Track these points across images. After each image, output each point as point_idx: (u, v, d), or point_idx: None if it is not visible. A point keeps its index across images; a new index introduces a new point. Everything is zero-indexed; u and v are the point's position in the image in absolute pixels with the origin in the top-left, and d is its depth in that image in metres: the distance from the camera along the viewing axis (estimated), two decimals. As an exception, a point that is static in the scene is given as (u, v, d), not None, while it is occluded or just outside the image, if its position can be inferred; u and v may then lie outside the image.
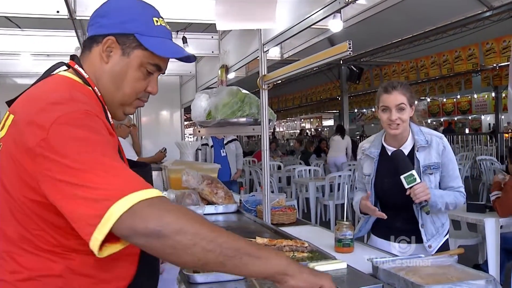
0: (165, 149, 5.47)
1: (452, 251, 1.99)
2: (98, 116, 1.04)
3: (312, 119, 29.09)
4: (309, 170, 8.15)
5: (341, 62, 12.72)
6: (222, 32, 4.31)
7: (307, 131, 25.28)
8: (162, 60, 1.19)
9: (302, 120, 29.72)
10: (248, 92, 2.96)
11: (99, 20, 1.17)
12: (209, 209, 2.90)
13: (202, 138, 6.00)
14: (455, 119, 19.62)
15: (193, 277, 1.61)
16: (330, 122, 26.29)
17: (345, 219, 2.12)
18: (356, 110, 21.60)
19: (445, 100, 18.76)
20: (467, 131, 18.47)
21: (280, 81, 2.93)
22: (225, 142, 6.30)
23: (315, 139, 14.76)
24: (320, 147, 12.15)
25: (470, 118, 19.28)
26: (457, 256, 1.81)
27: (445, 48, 10.13)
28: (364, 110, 21.72)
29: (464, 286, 1.44)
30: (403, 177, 2.09)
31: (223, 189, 3.04)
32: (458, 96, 17.95)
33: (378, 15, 2.59)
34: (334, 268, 1.68)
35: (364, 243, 2.42)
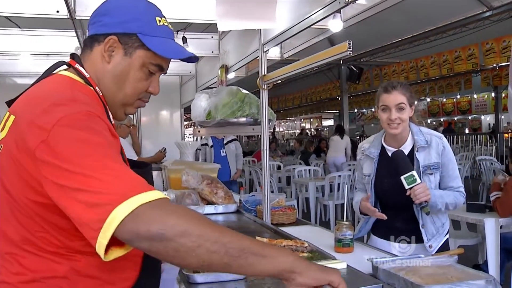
0: (164, 149, 5.46)
1: (452, 251, 1.99)
2: (100, 117, 1.02)
3: (312, 119, 29.08)
4: (309, 170, 8.15)
5: (341, 62, 12.72)
6: (222, 32, 4.30)
7: (307, 131, 25.25)
8: (164, 60, 1.18)
9: (302, 120, 29.71)
10: (248, 92, 2.96)
11: (101, 19, 1.15)
12: (209, 209, 2.90)
13: (202, 138, 5.99)
14: (455, 119, 19.62)
15: (193, 277, 1.61)
16: (330, 122, 26.28)
17: (345, 219, 2.12)
18: (356, 110, 21.61)
19: (445, 100, 18.76)
20: (467, 131, 18.47)
21: (280, 81, 2.92)
22: (225, 142, 6.30)
23: (315, 139, 14.76)
24: (320, 147, 12.15)
25: (470, 118, 19.29)
26: (457, 256, 1.80)
27: (445, 48, 10.14)
28: (364, 110, 21.73)
29: (464, 286, 1.44)
30: (403, 178, 2.09)
31: (223, 189, 3.04)
32: (458, 96, 17.95)
33: (378, 15, 2.59)
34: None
35: (364, 243, 2.42)
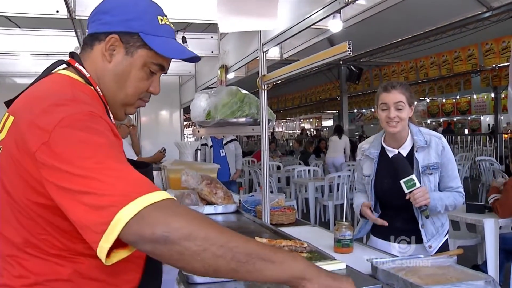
0: (164, 149, 5.46)
1: (452, 252, 1.99)
2: (102, 117, 1.00)
3: (311, 119, 29.07)
4: (309, 170, 8.16)
5: (341, 62, 12.74)
6: (222, 32, 4.30)
7: (307, 131, 25.25)
8: (166, 60, 1.16)
9: (302, 120, 29.72)
10: (247, 92, 2.96)
11: (102, 17, 1.13)
12: (208, 209, 2.90)
13: (202, 138, 5.99)
14: (455, 119, 19.62)
15: (192, 277, 1.60)
16: (329, 123, 26.28)
17: (344, 219, 2.11)
18: (355, 111, 21.61)
19: (444, 100, 18.76)
20: (466, 131, 18.47)
21: (279, 81, 2.92)
22: (224, 142, 6.30)
23: (315, 140, 14.76)
24: (320, 147, 12.16)
25: (469, 118, 19.29)
26: (456, 257, 1.80)
27: (445, 48, 10.15)
28: (364, 110, 21.73)
29: (463, 287, 1.44)
30: (402, 182, 2.09)
31: (222, 189, 3.04)
32: (458, 97, 17.95)
33: (377, 15, 2.59)
34: (333, 269, 1.68)
35: (363, 243, 2.42)
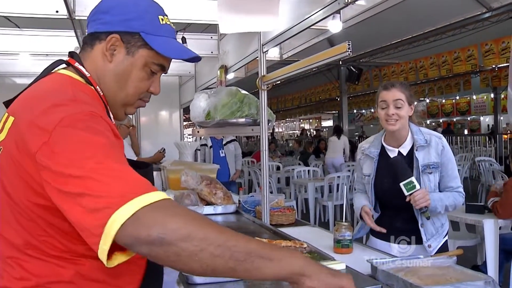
0: (164, 149, 5.46)
1: (451, 252, 1.99)
2: (103, 117, 0.99)
3: (311, 120, 29.08)
4: (308, 170, 8.16)
5: (340, 63, 12.75)
6: (222, 33, 4.30)
7: (307, 131, 25.25)
8: (166, 60, 1.16)
9: (301, 120, 29.72)
10: (247, 93, 2.96)
11: (102, 16, 1.12)
12: (208, 209, 2.90)
13: (201, 138, 5.99)
14: (454, 120, 19.63)
15: (192, 277, 1.60)
16: (329, 123, 26.29)
17: (344, 220, 2.11)
18: (355, 111, 21.62)
19: (444, 101, 18.77)
20: (466, 132, 18.48)
21: (279, 82, 2.92)
22: (224, 143, 6.30)
23: (314, 140, 14.77)
24: (319, 147, 12.16)
25: (469, 119, 19.30)
26: (456, 257, 1.80)
27: (444, 49, 10.16)
28: (363, 110, 21.74)
29: (463, 287, 1.44)
30: (402, 185, 2.10)
31: (222, 190, 3.04)
32: (457, 97, 17.96)
33: (377, 15, 2.59)
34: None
35: (363, 244, 2.42)
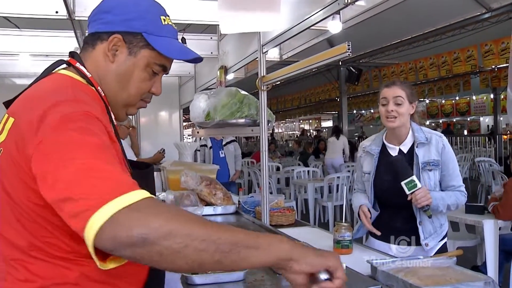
0: (163, 150, 5.46)
1: (451, 253, 1.99)
2: (99, 118, 0.97)
3: (311, 120, 29.09)
4: (308, 171, 8.16)
5: (340, 63, 12.74)
6: (221, 33, 4.30)
7: (308, 132, 25.24)
8: (168, 60, 1.15)
9: (301, 121, 29.73)
10: (247, 93, 2.96)
11: (103, 16, 1.11)
12: (208, 210, 2.89)
13: (201, 139, 5.99)
14: (454, 120, 19.64)
15: (191, 278, 1.60)
16: (329, 123, 26.29)
17: (343, 220, 2.12)
18: (355, 111, 21.61)
19: (443, 101, 18.77)
20: (465, 132, 18.49)
21: (279, 82, 2.93)
22: (223, 143, 6.30)
23: (314, 140, 14.77)
24: (319, 148, 12.16)
25: (468, 119, 19.31)
26: (455, 258, 1.80)
27: (444, 49, 10.15)
28: (363, 111, 21.74)
29: (463, 288, 1.44)
30: (403, 183, 2.10)
31: (221, 190, 3.04)
32: (457, 98, 17.96)
33: (377, 16, 2.60)
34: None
35: (363, 244, 2.41)
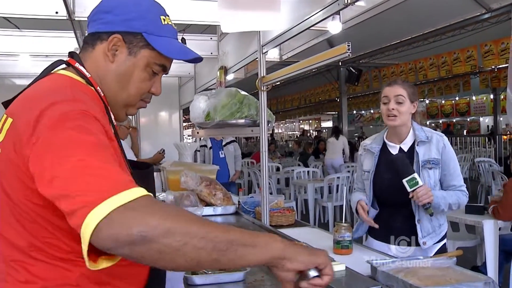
0: (163, 150, 5.46)
1: (451, 253, 1.99)
2: (96, 118, 0.97)
3: (311, 121, 29.09)
4: (308, 171, 8.16)
5: (340, 64, 12.74)
6: (221, 33, 4.30)
7: (308, 132, 25.24)
8: (168, 60, 1.15)
9: (301, 121, 29.73)
10: (247, 94, 2.96)
11: (103, 16, 1.11)
12: (208, 210, 2.89)
13: (201, 139, 5.99)
14: (454, 121, 19.64)
15: (192, 278, 1.60)
16: (329, 124, 26.28)
17: (343, 220, 2.11)
18: (355, 112, 21.61)
19: (443, 102, 18.77)
20: (465, 133, 18.49)
21: (279, 83, 2.93)
22: (223, 144, 6.30)
23: (314, 141, 14.77)
24: (319, 148, 12.16)
25: (468, 120, 19.31)
26: (455, 258, 1.80)
27: (444, 50, 10.16)
28: (363, 111, 21.73)
29: (463, 288, 1.44)
30: (405, 181, 2.10)
31: (221, 191, 3.03)
32: (457, 98, 17.97)
33: (377, 16, 2.60)
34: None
35: (363, 245, 2.41)
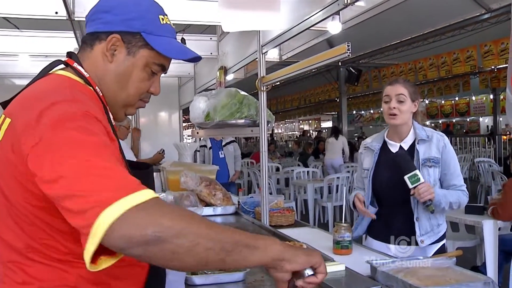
0: (163, 150, 5.46)
1: (451, 253, 1.99)
2: (97, 118, 0.96)
3: (310, 121, 29.08)
4: (308, 171, 8.16)
5: (340, 64, 12.74)
6: (221, 34, 4.30)
7: (308, 132, 25.23)
8: (167, 60, 1.15)
9: (301, 121, 29.73)
10: (246, 94, 2.96)
11: (102, 16, 1.10)
12: (207, 210, 2.89)
13: (201, 139, 5.99)
14: (453, 121, 19.64)
15: (191, 279, 1.60)
16: (328, 124, 26.27)
17: (343, 221, 2.11)
18: (354, 112, 21.60)
19: (443, 102, 18.76)
20: (465, 132, 18.49)
21: (278, 83, 2.93)
22: (223, 144, 6.29)
23: (314, 141, 14.77)
24: (318, 148, 12.16)
25: (468, 120, 19.31)
26: (455, 258, 1.80)
27: (444, 50, 10.15)
28: (363, 111, 21.72)
29: (463, 288, 1.44)
30: (407, 177, 2.10)
31: (221, 191, 3.03)
32: (457, 98, 17.95)
33: (376, 17, 2.59)
34: (332, 270, 1.68)
35: (363, 245, 2.41)
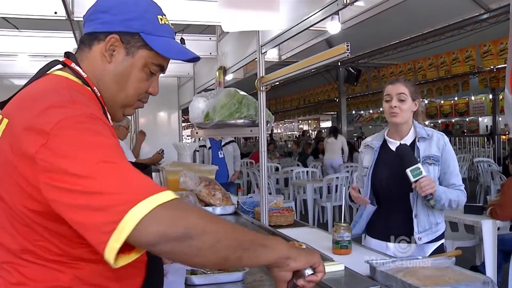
0: (162, 150, 5.45)
1: (450, 253, 1.99)
2: (102, 119, 0.97)
3: (310, 121, 29.08)
4: (307, 171, 8.16)
5: (339, 64, 12.75)
6: (220, 34, 4.30)
7: (308, 133, 25.22)
8: (166, 60, 1.15)
9: (300, 121, 29.73)
10: (246, 94, 2.96)
11: (101, 16, 1.10)
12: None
13: (200, 139, 5.99)
14: (453, 121, 19.64)
15: (191, 279, 1.60)
16: (328, 124, 26.27)
17: (342, 220, 2.12)
18: (354, 112, 21.62)
19: (442, 102, 18.77)
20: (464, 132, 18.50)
21: (278, 83, 2.93)
22: (222, 144, 6.30)
23: (313, 141, 14.78)
24: (318, 148, 12.16)
25: (467, 120, 19.31)
26: (454, 258, 1.80)
27: (443, 50, 10.16)
28: (362, 111, 21.74)
29: (462, 288, 1.44)
30: (409, 171, 2.10)
31: (220, 191, 3.03)
32: (456, 98, 17.97)
33: (376, 17, 2.60)
34: (332, 270, 1.68)
35: (362, 245, 2.41)
